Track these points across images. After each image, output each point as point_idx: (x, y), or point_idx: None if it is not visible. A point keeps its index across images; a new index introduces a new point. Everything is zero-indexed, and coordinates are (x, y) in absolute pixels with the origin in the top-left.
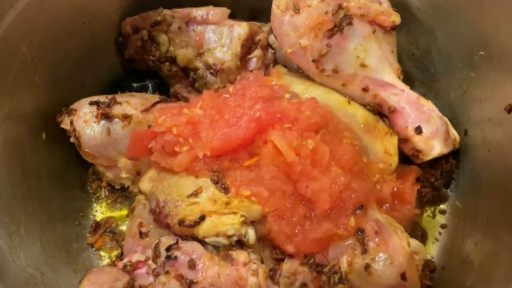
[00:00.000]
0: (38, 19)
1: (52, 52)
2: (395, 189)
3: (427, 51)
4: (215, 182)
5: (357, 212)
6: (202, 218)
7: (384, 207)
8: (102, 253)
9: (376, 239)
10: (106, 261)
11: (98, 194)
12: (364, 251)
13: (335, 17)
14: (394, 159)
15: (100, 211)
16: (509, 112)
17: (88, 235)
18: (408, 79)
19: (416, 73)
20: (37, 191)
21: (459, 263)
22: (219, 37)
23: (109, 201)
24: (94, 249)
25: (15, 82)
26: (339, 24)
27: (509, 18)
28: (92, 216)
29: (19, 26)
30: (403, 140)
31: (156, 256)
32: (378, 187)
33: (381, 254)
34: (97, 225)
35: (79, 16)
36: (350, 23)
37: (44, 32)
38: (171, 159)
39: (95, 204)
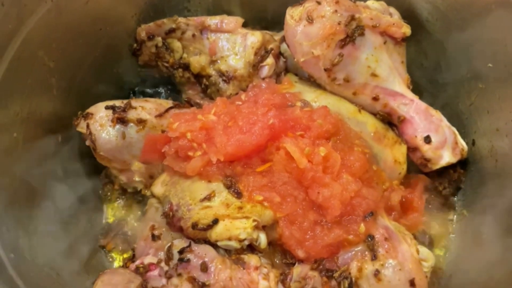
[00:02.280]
0: (57, 25)
1: (69, 57)
2: (403, 198)
3: (436, 62)
4: (228, 187)
5: (367, 218)
6: (215, 221)
7: (392, 215)
8: (114, 255)
9: (386, 246)
10: (117, 263)
11: (110, 197)
12: (374, 257)
13: (347, 27)
14: (403, 168)
15: (112, 214)
16: None
17: (100, 237)
18: (417, 89)
19: (425, 83)
20: (53, 193)
21: (467, 271)
22: (233, 45)
23: (121, 204)
24: (106, 251)
25: (34, 86)
26: (351, 35)
27: None
28: (104, 219)
29: (39, 31)
30: (412, 149)
31: (168, 258)
32: (387, 195)
33: (390, 261)
34: (109, 228)
35: (95, 22)
36: (362, 34)
37: (62, 38)
38: (184, 164)
39: (107, 207)
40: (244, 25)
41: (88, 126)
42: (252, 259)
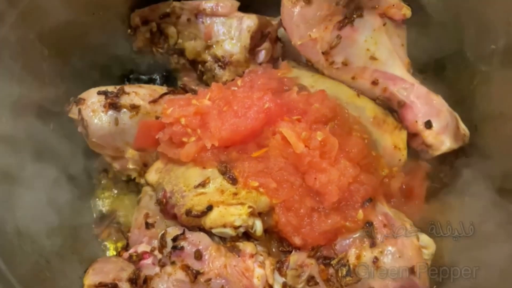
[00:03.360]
0: (49, 7)
1: (61, 41)
2: (404, 185)
3: (438, 45)
4: (223, 173)
5: (365, 205)
6: (210, 208)
7: (392, 202)
8: (108, 244)
9: (385, 232)
10: (111, 252)
11: (104, 186)
12: (373, 244)
13: (345, 8)
14: (403, 154)
15: (105, 203)
16: None
17: (93, 226)
18: (417, 73)
19: (426, 67)
20: (44, 181)
21: (468, 258)
22: (228, 29)
23: (115, 192)
24: (99, 240)
25: (25, 69)
26: (349, 16)
27: None
28: (97, 208)
29: (31, 13)
30: (412, 135)
31: (162, 246)
32: (386, 182)
33: (389, 248)
34: (102, 217)
35: (89, 6)
36: (360, 15)
37: (54, 21)
38: (178, 150)
39: (100, 196)
40: (241, 9)
41: (80, 111)
42: (247, 247)
